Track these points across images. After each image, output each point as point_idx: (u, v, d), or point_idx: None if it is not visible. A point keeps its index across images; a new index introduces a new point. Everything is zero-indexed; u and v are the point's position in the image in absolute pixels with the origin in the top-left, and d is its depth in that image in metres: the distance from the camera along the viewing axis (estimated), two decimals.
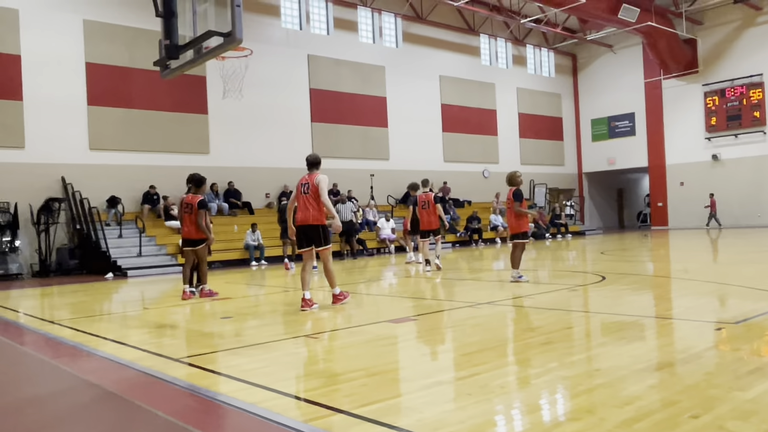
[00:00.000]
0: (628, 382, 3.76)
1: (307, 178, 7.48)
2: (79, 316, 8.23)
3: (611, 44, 30.11)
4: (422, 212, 12.46)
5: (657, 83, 28.75)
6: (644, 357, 4.41)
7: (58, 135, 16.85)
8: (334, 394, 3.81)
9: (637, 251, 16.14)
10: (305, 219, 7.37)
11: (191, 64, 6.81)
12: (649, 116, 29.30)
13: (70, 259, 16.35)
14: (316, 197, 7.31)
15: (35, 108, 16.54)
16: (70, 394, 4.20)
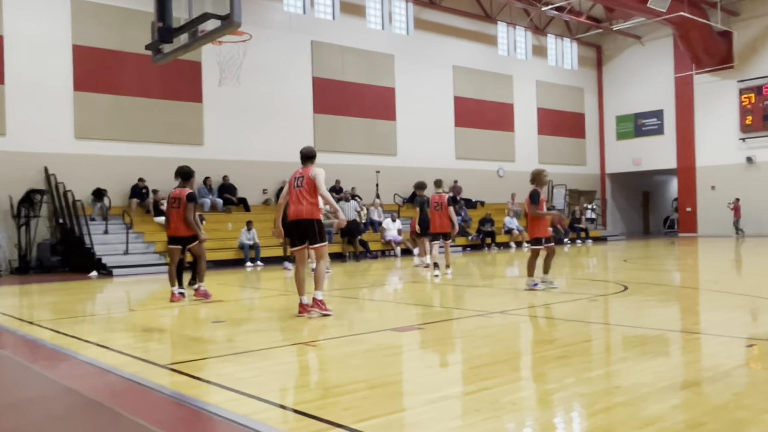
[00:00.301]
0: (650, 401, 3.74)
1: (301, 172, 7.45)
2: (60, 317, 8.26)
3: (640, 35, 30.01)
4: (434, 214, 12.60)
5: (688, 78, 28.64)
6: (668, 374, 4.38)
7: (41, 122, 16.92)
8: (332, 407, 3.81)
9: (662, 259, 16.08)
10: (298, 213, 7.26)
11: (186, 48, 6.85)
12: (679, 114, 29.20)
13: (52, 255, 16.41)
14: (310, 191, 7.24)
15: (18, 93, 16.60)
16: (48, 401, 4.21)
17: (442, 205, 12.58)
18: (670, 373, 4.42)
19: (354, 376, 4.58)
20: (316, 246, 7.30)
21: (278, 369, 4.90)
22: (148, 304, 9.77)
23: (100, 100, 17.76)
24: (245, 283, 12.79)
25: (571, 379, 4.31)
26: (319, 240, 7.29)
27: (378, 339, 6.02)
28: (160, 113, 18.76)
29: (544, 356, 5.13)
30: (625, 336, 5.98)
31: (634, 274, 11.98)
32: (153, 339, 6.47)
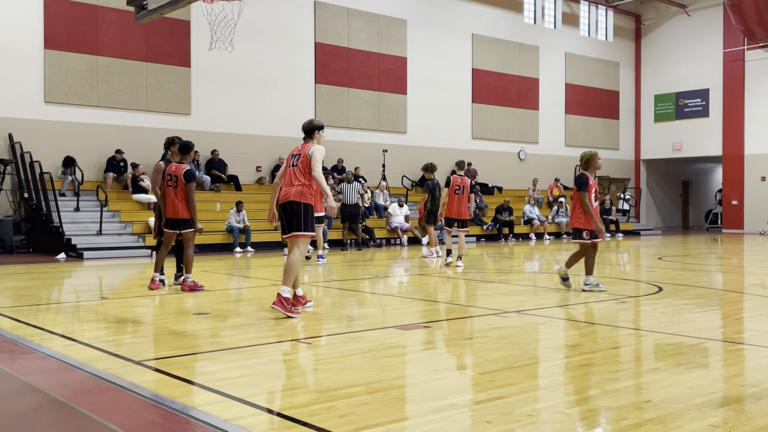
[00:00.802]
0: (684, 419, 3.72)
1: (300, 149, 7.40)
2: (22, 304, 8.30)
3: (685, 4, 29.80)
4: (454, 198, 13.05)
5: (739, 54, 28.44)
6: (706, 389, 4.37)
7: (6, 84, 16.92)
8: (327, 413, 3.81)
9: (703, 258, 16.05)
10: (287, 195, 7.13)
11: (172, 6, 6.82)
12: (727, 94, 29.03)
13: (15, 234, 16.47)
14: (305, 171, 7.14)
15: None
16: (6, 399, 4.22)
17: (464, 189, 13.04)
18: (708, 388, 4.40)
19: (352, 378, 4.58)
20: (298, 234, 7.09)
21: (267, 368, 4.91)
22: (122, 292, 9.80)
23: (73, 60, 17.73)
24: (233, 270, 12.82)
25: (596, 390, 4.30)
26: (303, 228, 7.07)
27: (380, 337, 6.02)
28: (143, 78, 18.74)
29: (565, 363, 5.12)
30: (658, 344, 5.96)
31: (669, 273, 11.95)
32: (127, 332, 6.49)
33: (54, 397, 4.12)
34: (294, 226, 7.09)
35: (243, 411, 3.84)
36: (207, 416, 3.70)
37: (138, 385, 4.32)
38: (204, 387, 4.34)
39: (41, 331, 6.38)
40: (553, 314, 7.40)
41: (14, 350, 5.56)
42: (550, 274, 12.40)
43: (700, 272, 12.83)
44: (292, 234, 7.13)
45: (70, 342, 5.82)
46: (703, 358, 5.42)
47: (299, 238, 7.11)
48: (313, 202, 7.18)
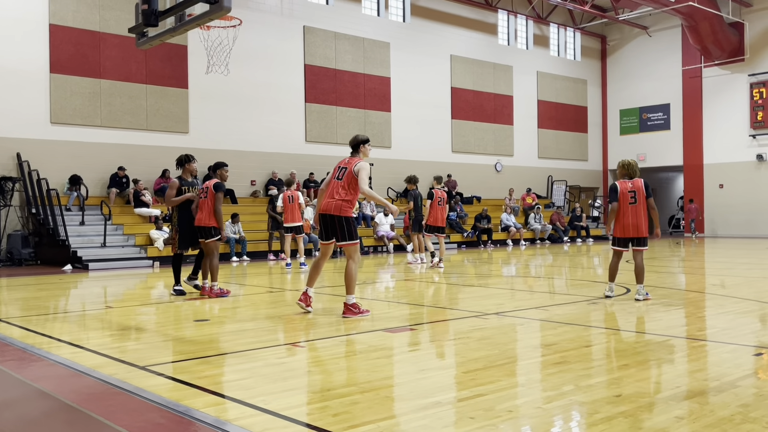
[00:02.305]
0: (652, 412, 3.75)
1: (346, 162, 7.39)
2: (31, 313, 8.22)
3: (646, 26, 30.10)
4: (437, 209, 14.04)
5: (697, 71, 28.75)
6: (672, 383, 4.41)
7: (14, 106, 16.80)
8: (321, 412, 3.81)
9: (667, 261, 16.16)
10: (327, 207, 7.26)
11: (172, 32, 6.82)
12: (687, 108, 29.33)
13: (23, 247, 16.33)
14: (348, 185, 7.21)
15: None
16: (18, 405, 4.19)
17: (443, 200, 14.17)
18: (674, 382, 4.45)
19: (344, 379, 4.58)
20: (344, 244, 7.27)
21: (264, 371, 4.89)
22: (126, 301, 9.73)
23: (78, 83, 17.65)
24: (230, 278, 12.76)
25: (570, 386, 4.32)
26: (347, 237, 7.23)
27: (369, 339, 6.02)
28: (143, 99, 18.68)
29: (541, 362, 5.15)
30: (627, 342, 6.00)
31: None
32: (131, 338, 6.45)
33: (64, 402, 4.09)
34: (339, 237, 7.26)
35: (242, 412, 3.83)
36: (209, 417, 3.69)
37: (143, 389, 4.30)
38: (205, 390, 4.32)
39: (50, 339, 6.33)
40: (530, 315, 7.42)
41: (24, 358, 5.51)
42: (524, 278, 12.45)
43: (665, 274, 12.91)
44: (330, 241, 7.34)
45: (77, 349, 5.77)
46: (669, 354, 5.46)
47: (349, 247, 7.28)
48: (351, 213, 7.30)
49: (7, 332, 6.68)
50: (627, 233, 8.51)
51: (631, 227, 8.47)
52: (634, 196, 8.45)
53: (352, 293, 7.28)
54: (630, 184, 8.54)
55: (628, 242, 8.56)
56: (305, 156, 21.41)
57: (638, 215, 8.44)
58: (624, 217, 8.49)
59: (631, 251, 8.60)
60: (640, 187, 8.48)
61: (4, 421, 3.80)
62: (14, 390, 4.53)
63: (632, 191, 8.47)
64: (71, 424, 3.76)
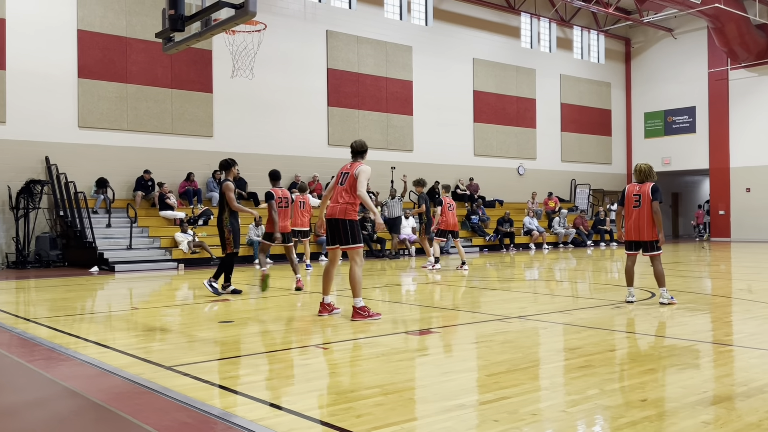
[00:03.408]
0: (678, 417, 3.72)
1: (348, 167, 7.48)
2: (59, 314, 8.34)
3: (671, 28, 29.79)
4: (449, 214, 14.34)
5: (723, 74, 28.39)
6: (698, 388, 4.36)
7: (43, 110, 17.08)
8: (345, 413, 3.83)
9: (693, 265, 15.97)
10: (332, 212, 7.37)
11: (198, 37, 6.89)
12: (713, 111, 28.96)
13: (51, 249, 16.57)
14: (350, 189, 7.31)
15: (19, 79, 16.77)
16: (48, 403, 4.26)
17: (453, 206, 14.56)
18: (700, 387, 4.40)
19: (367, 381, 4.60)
20: (348, 247, 7.32)
21: (288, 372, 4.93)
22: (151, 302, 9.84)
23: (105, 88, 17.90)
24: (254, 281, 12.84)
25: (595, 390, 4.30)
26: (350, 241, 7.30)
27: (392, 342, 6.03)
28: (168, 103, 18.88)
29: (565, 365, 5.12)
30: (652, 346, 5.95)
31: None
32: (157, 339, 6.52)
33: (93, 400, 4.15)
34: (343, 240, 7.32)
35: (267, 412, 3.86)
36: (234, 417, 3.73)
37: (169, 389, 4.35)
38: (230, 390, 4.36)
39: (77, 339, 6.42)
40: (553, 319, 7.38)
41: (53, 357, 5.60)
42: (547, 281, 12.39)
43: (690, 278, 12.76)
44: (336, 246, 7.41)
45: (104, 349, 5.85)
46: (695, 359, 5.40)
47: (353, 250, 7.34)
48: (356, 216, 7.37)
49: (36, 332, 6.80)
50: (630, 236, 8.51)
51: (633, 230, 8.45)
52: (638, 200, 8.39)
53: (359, 296, 7.31)
54: (638, 187, 8.50)
55: (633, 245, 8.54)
56: (328, 159, 21.48)
57: (641, 219, 8.38)
58: (628, 220, 8.52)
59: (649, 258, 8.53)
60: (646, 191, 8.38)
61: (35, 419, 3.87)
62: (44, 389, 4.60)
63: (637, 194, 8.43)
64: (100, 422, 3.81)
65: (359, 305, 7.28)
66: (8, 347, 6.23)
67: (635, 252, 8.56)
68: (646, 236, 8.38)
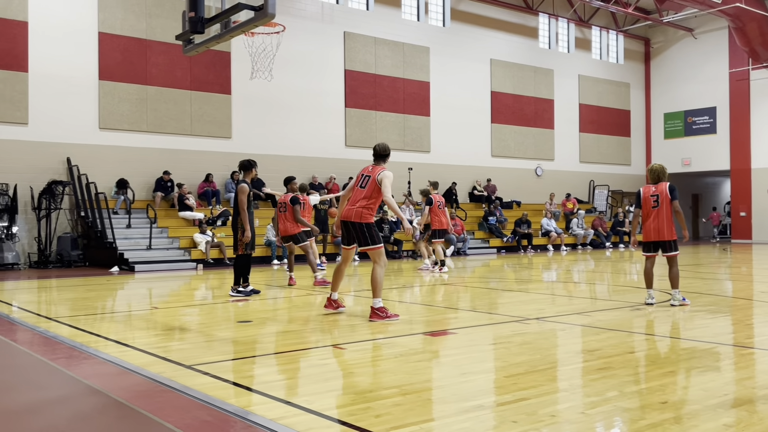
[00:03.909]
0: (699, 419, 3.69)
1: (370, 170, 7.47)
2: (80, 313, 8.44)
3: (691, 28, 29.52)
4: (440, 213, 14.30)
5: (744, 74, 28.07)
6: (719, 390, 4.32)
7: (65, 111, 17.29)
8: (364, 413, 3.84)
9: (713, 267, 15.82)
10: (347, 215, 7.38)
11: (217, 39, 6.95)
12: (734, 112, 28.65)
13: (72, 249, 16.75)
14: (370, 193, 7.30)
15: (41, 81, 16.99)
16: (70, 401, 4.31)
17: (443, 203, 14.48)
18: (722, 390, 4.36)
19: (385, 381, 4.61)
20: (369, 248, 7.34)
21: (307, 372, 4.95)
22: (171, 302, 9.92)
23: (125, 89, 18.08)
24: (272, 281, 12.91)
25: (614, 392, 4.28)
26: (370, 242, 7.31)
27: (410, 343, 6.04)
28: (188, 105, 19.03)
29: (584, 367, 5.10)
30: (673, 348, 5.91)
31: (682, 282, 11.76)
32: (176, 338, 6.58)
33: (114, 398, 4.20)
34: (362, 242, 7.36)
35: (287, 411, 3.88)
36: (254, 416, 3.76)
37: (190, 388, 4.39)
38: (250, 389, 4.40)
39: (98, 337, 6.49)
40: (571, 321, 7.35)
41: (74, 355, 5.66)
42: (565, 283, 12.33)
43: (711, 280, 12.65)
44: (351, 246, 7.49)
45: (125, 348, 5.91)
46: (716, 361, 5.35)
47: (374, 251, 7.37)
48: (372, 219, 7.40)
49: (58, 331, 6.88)
50: (649, 237, 8.43)
51: (652, 231, 8.38)
52: (656, 200, 8.33)
53: (378, 297, 7.32)
54: (653, 188, 8.44)
55: (653, 246, 8.46)
56: (345, 160, 21.53)
57: (660, 219, 8.31)
58: (646, 221, 8.44)
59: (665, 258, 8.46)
60: (663, 190, 8.32)
61: (59, 416, 3.92)
62: (67, 386, 4.66)
63: (655, 195, 8.36)
64: (123, 419, 3.86)
65: (378, 306, 7.29)
66: (31, 345, 6.32)
67: (654, 253, 8.50)
68: (665, 236, 8.32)
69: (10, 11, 16.65)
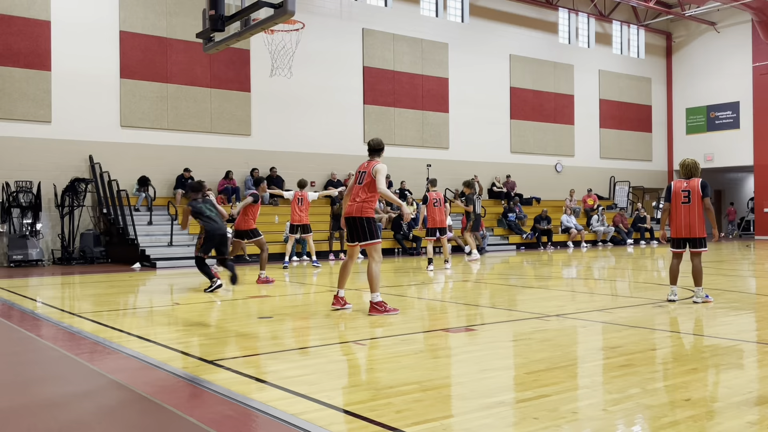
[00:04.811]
0: (722, 417, 3.66)
1: (365, 166, 7.60)
2: (103, 309, 8.54)
3: (714, 21, 29.16)
4: (435, 210, 14.17)
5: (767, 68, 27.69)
6: (743, 388, 4.28)
7: (87, 110, 17.48)
8: (384, 408, 3.85)
9: (737, 264, 15.64)
10: (349, 210, 7.54)
11: (237, 37, 6.98)
12: (757, 106, 28.28)
13: (95, 246, 16.95)
14: (367, 187, 7.44)
15: (64, 79, 17.20)
16: (95, 395, 4.37)
17: (440, 201, 14.21)
18: (746, 387, 4.32)
19: (406, 377, 4.62)
20: (365, 243, 7.46)
21: (327, 368, 4.97)
22: (192, 298, 10.00)
23: (146, 88, 18.24)
24: (292, 278, 12.97)
25: (636, 389, 4.25)
26: (368, 237, 7.43)
27: (429, 339, 6.05)
28: (208, 102, 19.16)
29: (606, 364, 5.07)
30: (695, 345, 5.86)
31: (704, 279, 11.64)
32: (198, 334, 6.63)
33: (138, 393, 4.25)
34: (360, 237, 7.46)
35: (308, 406, 3.90)
36: (275, 411, 3.78)
37: (212, 383, 4.43)
38: (271, 384, 4.42)
39: (120, 333, 6.56)
40: (592, 318, 7.31)
41: (97, 350, 5.73)
42: (586, 280, 12.26)
43: (735, 277, 12.51)
44: (355, 243, 7.57)
45: (147, 343, 5.97)
46: (739, 359, 5.30)
47: (370, 247, 7.46)
48: (373, 214, 7.51)
49: (81, 326, 6.97)
50: (680, 233, 8.32)
51: (683, 227, 8.26)
52: (687, 196, 8.21)
53: (376, 291, 7.42)
54: (685, 183, 8.31)
55: (682, 243, 8.36)
56: (364, 157, 21.18)
57: (692, 215, 8.20)
58: (677, 217, 8.31)
59: (689, 253, 8.36)
60: (695, 186, 8.20)
61: (85, 410, 3.98)
62: (91, 381, 4.73)
63: (686, 190, 8.24)
64: (147, 414, 3.91)
65: (376, 300, 7.39)
66: (55, 340, 6.41)
67: (682, 249, 8.39)
68: (697, 233, 8.23)
69: (33, 11, 16.86)
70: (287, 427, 3.53)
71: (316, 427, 3.48)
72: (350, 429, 3.50)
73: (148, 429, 3.66)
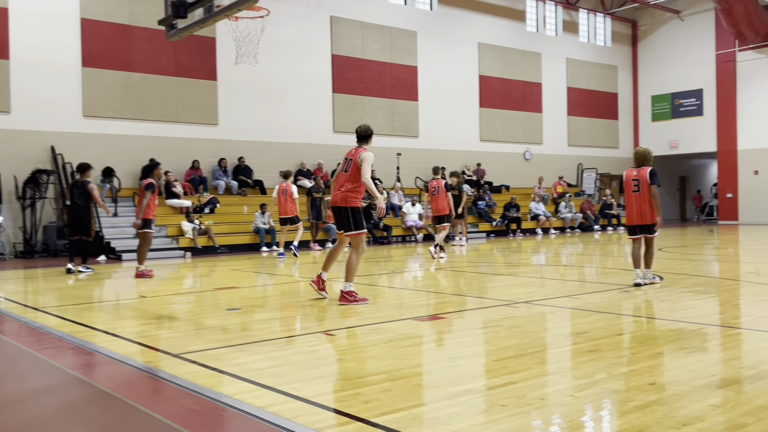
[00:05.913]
0: (687, 400, 3.71)
1: (352, 153, 7.53)
2: (67, 303, 8.38)
3: (678, 10, 29.53)
4: (433, 198, 14.15)
5: (731, 56, 28.15)
6: (706, 371, 4.35)
7: (48, 99, 17.08)
8: (352, 399, 3.83)
9: (700, 249, 15.93)
10: (335, 200, 7.51)
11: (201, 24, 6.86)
12: (720, 94, 28.76)
13: (58, 238, 16.61)
14: (353, 176, 7.39)
15: (23, 68, 16.77)
16: (57, 392, 4.28)
17: (439, 189, 14.02)
18: (709, 371, 4.39)
19: (374, 367, 4.60)
20: (349, 234, 7.46)
21: (295, 359, 4.94)
22: (158, 291, 9.87)
23: (109, 76, 17.88)
24: (261, 269, 12.88)
25: (603, 374, 4.29)
26: (352, 227, 7.41)
27: (399, 328, 6.04)
28: (173, 91, 18.85)
29: (573, 350, 5.11)
30: (660, 330, 5.93)
31: (669, 263, 11.87)
32: (164, 327, 6.55)
33: (101, 389, 4.17)
34: (344, 227, 7.45)
35: (275, 399, 3.86)
36: (241, 404, 3.74)
37: (177, 377, 4.36)
38: (238, 377, 4.37)
39: (85, 327, 6.44)
40: (560, 304, 7.38)
41: (61, 346, 5.62)
42: (554, 266, 12.37)
43: (699, 262, 12.73)
44: (340, 232, 7.60)
45: (112, 338, 5.87)
46: (703, 342, 5.39)
47: (355, 237, 7.46)
48: (359, 203, 7.48)
49: (44, 321, 6.83)
50: (633, 221, 8.67)
51: (635, 215, 8.60)
52: (637, 185, 8.49)
53: (350, 281, 7.45)
54: (635, 172, 8.61)
55: (637, 229, 8.66)
56: (333, 146, 21.43)
57: (643, 203, 8.50)
58: (629, 205, 8.67)
59: (643, 238, 8.68)
60: (644, 175, 8.47)
61: (46, 406, 3.89)
62: (53, 377, 4.63)
63: (636, 179, 8.53)
64: (109, 410, 3.83)
65: (347, 289, 7.41)
66: (17, 336, 6.27)
67: (639, 236, 8.70)
68: (648, 219, 8.54)
69: None
70: (253, 420, 3.49)
71: (283, 420, 3.44)
72: (317, 421, 3.47)
73: (110, 425, 3.58)
